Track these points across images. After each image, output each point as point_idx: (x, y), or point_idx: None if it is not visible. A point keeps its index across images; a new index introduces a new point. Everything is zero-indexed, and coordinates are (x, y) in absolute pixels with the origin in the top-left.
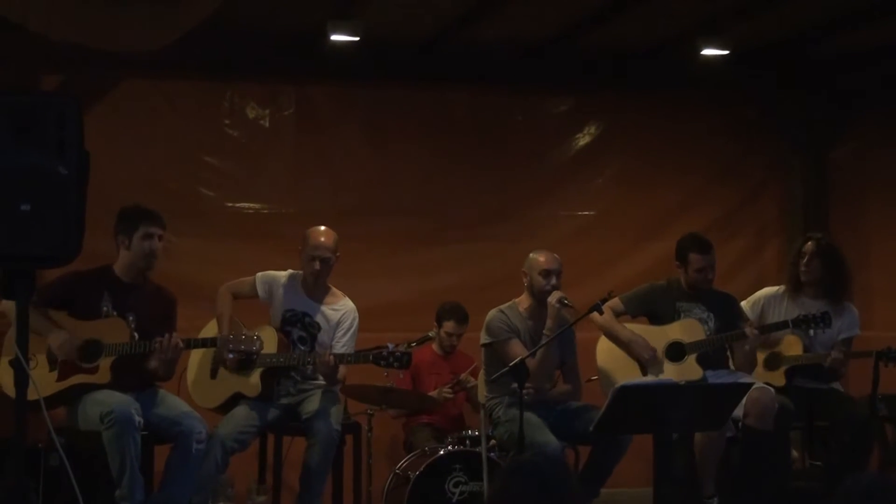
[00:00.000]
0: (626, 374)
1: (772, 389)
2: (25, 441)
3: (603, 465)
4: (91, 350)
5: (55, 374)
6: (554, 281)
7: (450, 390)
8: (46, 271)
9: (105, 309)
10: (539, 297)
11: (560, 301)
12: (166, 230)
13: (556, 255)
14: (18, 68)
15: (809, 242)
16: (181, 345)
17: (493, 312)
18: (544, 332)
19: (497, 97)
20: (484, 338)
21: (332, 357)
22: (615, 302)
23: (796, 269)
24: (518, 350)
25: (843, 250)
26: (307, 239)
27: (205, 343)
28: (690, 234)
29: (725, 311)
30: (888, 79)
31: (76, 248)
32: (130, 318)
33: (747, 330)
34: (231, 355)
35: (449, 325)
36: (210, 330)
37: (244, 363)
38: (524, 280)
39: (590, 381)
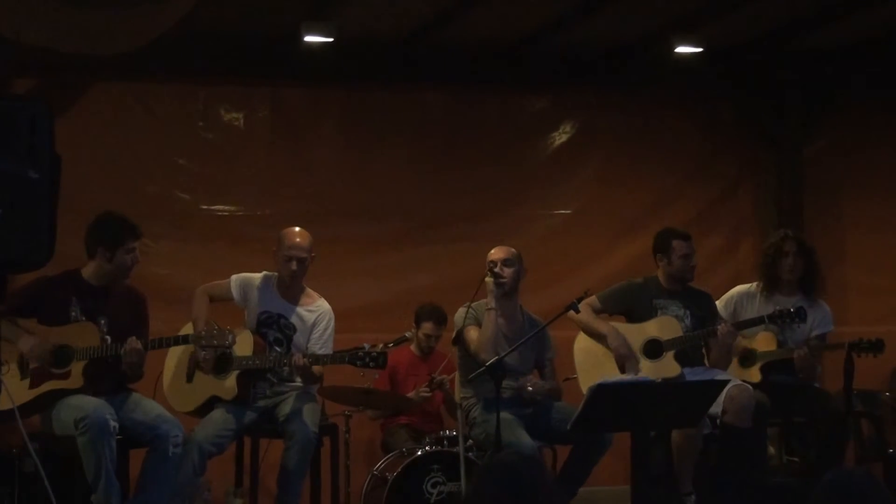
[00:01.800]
0: (604, 372)
1: (749, 387)
2: None
3: (584, 463)
4: (62, 355)
5: (27, 381)
6: (497, 269)
7: (427, 389)
8: (11, 278)
9: (74, 314)
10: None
11: (490, 271)
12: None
13: (511, 248)
14: None
15: (790, 241)
16: (139, 347)
17: (460, 309)
18: (487, 307)
19: (473, 97)
20: (453, 335)
21: (302, 359)
22: (592, 300)
23: (773, 267)
24: (473, 333)
25: (817, 246)
26: (282, 240)
27: (177, 340)
28: (668, 227)
29: (701, 309)
30: (861, 75)
31: (48, 253)
32: (102, 321)
33: (720, 326)
34: (203, 351)
35: (427, 327)
36: (186, 332)
37: (220, 362)
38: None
39: (567, 379)
